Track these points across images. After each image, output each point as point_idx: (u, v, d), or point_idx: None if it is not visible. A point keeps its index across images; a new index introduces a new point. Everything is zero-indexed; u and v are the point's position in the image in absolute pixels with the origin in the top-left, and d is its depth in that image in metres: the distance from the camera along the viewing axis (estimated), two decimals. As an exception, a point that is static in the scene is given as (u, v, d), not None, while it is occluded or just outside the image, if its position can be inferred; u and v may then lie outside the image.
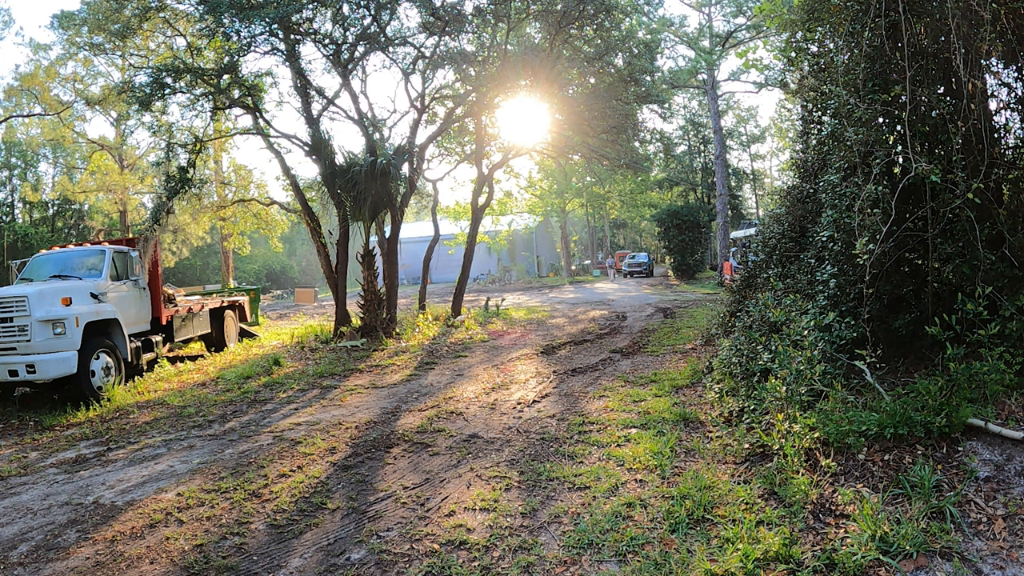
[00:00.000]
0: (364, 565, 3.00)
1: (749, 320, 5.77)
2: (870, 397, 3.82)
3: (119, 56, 17.00)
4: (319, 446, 4.95)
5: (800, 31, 5.56)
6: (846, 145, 4.18)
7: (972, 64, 3.75)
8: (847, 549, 2.60)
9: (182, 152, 11.07)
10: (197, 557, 3.16)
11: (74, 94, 21.92)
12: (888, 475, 3.12)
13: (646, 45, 13.21)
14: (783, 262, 6.14)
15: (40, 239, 26.23)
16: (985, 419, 3.21)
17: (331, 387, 7.41)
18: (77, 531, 3.56)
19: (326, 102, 11.79)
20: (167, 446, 5.25)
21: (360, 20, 10.92)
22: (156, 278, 9.02)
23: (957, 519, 2.68)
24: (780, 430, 3.74)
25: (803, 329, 4.16)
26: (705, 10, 24.24)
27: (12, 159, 29.12)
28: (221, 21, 9.67)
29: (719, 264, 22.38)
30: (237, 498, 3.93)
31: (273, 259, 41.44)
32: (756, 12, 10.97)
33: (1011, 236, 3.78)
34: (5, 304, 6.56)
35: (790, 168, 7.12)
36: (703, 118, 32.91)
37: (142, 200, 25.84)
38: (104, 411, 6.64)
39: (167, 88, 10.23)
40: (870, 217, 3.83)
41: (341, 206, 11.19)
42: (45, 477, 4.61)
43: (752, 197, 38.49)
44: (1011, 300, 3.71)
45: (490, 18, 11.22)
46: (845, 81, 4.24)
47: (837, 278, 4.40)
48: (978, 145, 3.83)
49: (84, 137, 25.36)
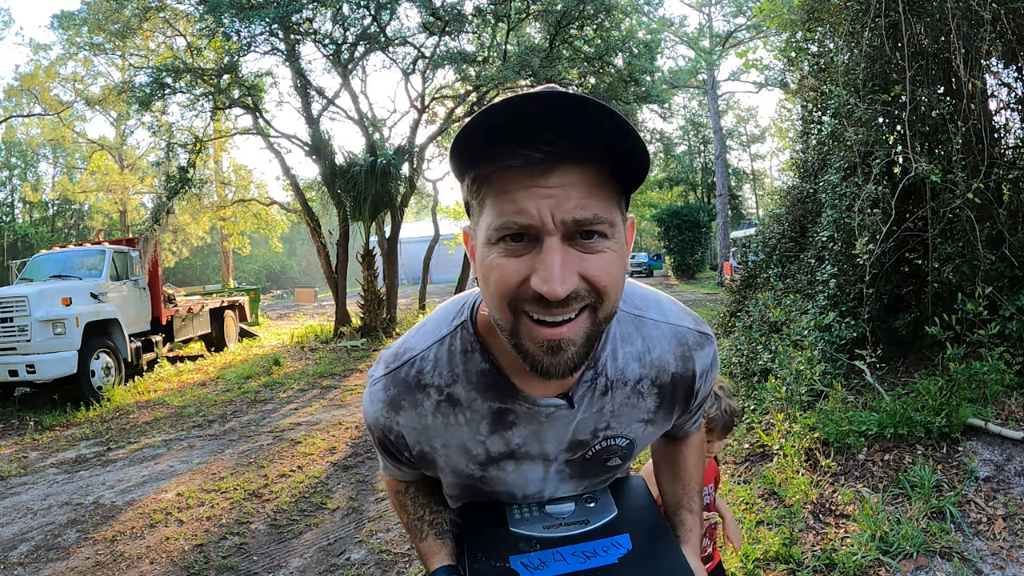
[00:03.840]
0: (364, 565, 3.00)
1: (749, 320, 5.76)
2: (870, 397, 3.82)
3: (119, 56, 16.98)
4: (319, 446, 4.95)
5: (800, 31, 5.55)
6: (846, 145, 4.18)
7: (972, 64, 3.75)
8: (847, 549, 2.60)
9: (182, 152, 11.08)
10: (197, 557, 3.16)
11: (74, 94, 21.91)
12: (888, 475, 3.12)
13: (646, 45, 13.21)
14: (783, 262, 6.14)
15: (40, 239, 26.21)
16: (985, 419, 3.21)
17: (331, 387, 7.41)
18: (77, 531, 3.56)
19: (326, 102, 11.79)
20: (167, 446, 5.25)
21: (360, 20, 10.92)
22: (156, 278, 9.02)
23: (957, 519, 2.68)
24: (780, 430, 3.74)
25: (803, 329, 4.16)
26: (705, 10, 24.25)
27: (12, 159, 29.10)
28: (221, 21, 9.67)
29: (719, 264, 22.37)
30: (237, 498, 3.93)
31: (273, 259, 41.44)
32: (756, 12, 10.97)
33: (1011, 236, 3.78)
34: (5, 304, 6.55)
35: (790, 168, 7.12)
36: (703, 118, 32.91)
37: (142, 200, 25.83)
38: (104, 411, 6.64)
39: (167, 88, 10.23)
40: (870, 217, 3.83)
41: (341, 206, 11.19)
42: (45, 477, 4.61)
43: (752, 197, 38.49)
44: (1011, 300, 3.71)
45: (490, 18, 11.21)
46: (845, 81, 4.24)
47: (837, 278, 4.39)
48: (978, 145, 3.83)
49: (84, 137, 25.35)
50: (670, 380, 0.86)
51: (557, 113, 0.59)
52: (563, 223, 0.61)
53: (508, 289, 0.64)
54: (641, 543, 0.84)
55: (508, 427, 0.82)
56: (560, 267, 0.61)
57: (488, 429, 0.82)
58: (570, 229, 0.62)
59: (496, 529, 0.88)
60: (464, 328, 0.82)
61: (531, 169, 0.61)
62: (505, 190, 0.62)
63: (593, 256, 0.63)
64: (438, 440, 0.84)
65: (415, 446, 0.86)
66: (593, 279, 0.63)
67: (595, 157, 0.62)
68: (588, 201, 0.62)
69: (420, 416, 0.83)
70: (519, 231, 0.62)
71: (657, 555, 0.83)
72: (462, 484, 0.90)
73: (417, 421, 0.83)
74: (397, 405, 0.83)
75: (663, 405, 0.87)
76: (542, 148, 0.60)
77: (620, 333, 0.83)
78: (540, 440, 0.83)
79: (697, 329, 0.88)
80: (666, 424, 0.92)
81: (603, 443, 0.86)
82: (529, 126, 0.60)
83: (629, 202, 0.71)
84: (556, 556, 0.82)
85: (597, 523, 0.87)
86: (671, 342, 0.85)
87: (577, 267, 0.63)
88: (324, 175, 11.11)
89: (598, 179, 0.63)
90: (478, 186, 0.65)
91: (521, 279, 0.63)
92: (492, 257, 0.64)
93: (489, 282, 0.65)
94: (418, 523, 0.98)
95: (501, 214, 0.63)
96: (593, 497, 0.92)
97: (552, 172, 0.61)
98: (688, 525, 1.01)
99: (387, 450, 0.91)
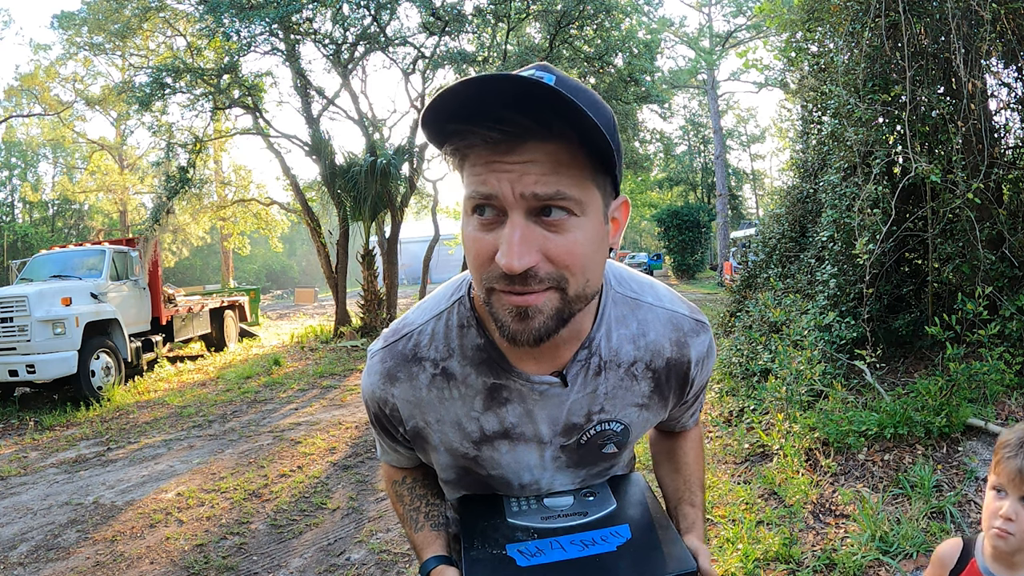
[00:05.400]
0: (364, 565, 3.00)
1: (749, 320, 5.76)
2: (870, 397, 3.82)
3: (119, 56, 16.99)
4: (319, 446, 4.95)
5: (800, 31, 5.56)
6: (846, 145, 4.18)
7: (972, 64, 3.75)
8: (847, 549, 2.60)
9: (182, 152, 11.08)
10: (197, 557, 3.16)
11: (74, 94, 21.91)
12: (888, 475, 3.12)
13: (646, 45, 13.22)
14: (783, 262, 6.14)
15: (40, 239, 26.20)
16: (985, 419, 3.21)
17: (331, 387, 7.41)
18: (77, 531, 3.56)
19: (326, 102, 11.79)
20: (167, 446, 5.25)
21: (360, 20, 10.91)
22: (156, 278, 9.01)
23: (957, 519, 2.68)
24: (780, 430, 3.74)
25: (803, 329, 4.16)
26: (705, 10, 24.25)
27: (12, 159, 29.09)
28: (221, 21, 9.67)
29: (719, 264, 22.37)
30: (237, 498, 3.93)
31: (273, 259, 41.45)
32: (756, 12, 10.97)
33: (1011, 236, 3.78)
34: (5, 304, 6.55)
35: (790, 168, 7.11)
36: (703, 118, 32.90)
37: (142, 200, 25.81)
38: (104, 411, 6.64)
39: (167, 88, 10.23)
40: (870, 217, 3.83)
41: (341, 206, 11.19)
42: (45, 477, 4.61)
43: (752, 197, 38.46)
44: (1011, 300, 3.71)
45: (490, 18, 11.21)
46: (845, 81, 4.24)
47: (837, 278, 4.39)
48: (978, 145, 3.83)
49: (84, 137, 25.34)
50: (664, 365, 0.86)
51: (515, 93, 0.60)
52: (523, 196, 0.63)
53: (481, 263, 0.67)
54: (641, 533, 0.83)
55: (502, 403, 0.83)
56: (519, 242, 0.63)
57: (482, 405, 0.83)
58: (531, 204, 0.64)
59: (493, 520, 0.87)
60: (461, 303, 0.84)
61: (493, 147, 0.64)
62: (474, 164, 0.66)
63: (557, 235, 0.65)
64: (432, 415, 0.85)
65: (409, 420, 0.87)
66: (555, 258, 0.65)
67: (558, 136, 0.63)
68: (551, 177, 0.63)
69: (415, 389, 0.84)
70: (484, 202, 0.65)
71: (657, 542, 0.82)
72: (457, 466, 0.90)
73: (412, 394, 0.84)
74: (393, 377, 0.84)
75: (657, 390, 0.88)
76: (499, 128, 0.62)
77: (615, 314, 0.85)
78: (533, 420, 0.84)
79: (692, 316, 0.90)
80: (661, 412, 0.92)
81: (597, 427, 0.86)
82: (483, 107, 0.61)
83: (619, 181, 0.72)
84: (554, 544, 0.80)
85: (596, 515, 0.87)
86: (666, 327, 0.87)
87: (540, 244, 0.64)
88: (324, 175, 11.11)
89: (568, 157, 0.64)
90: (454, 159, 0.69)
91: (491, 253, 0.66)
92: (469, 229, 0.68)
93: (469, 254, 0.69)
94: (414, 514, 0.98)
95: (470, 185, 0.66)
96: (592, 491, 0.92)
97: (514, 150, 0.63)
98: (691, 518, 0.99)
99: (383, 427, 0.91)
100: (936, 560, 1.23)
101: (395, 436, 0.91)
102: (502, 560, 0.78)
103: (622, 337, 0.84)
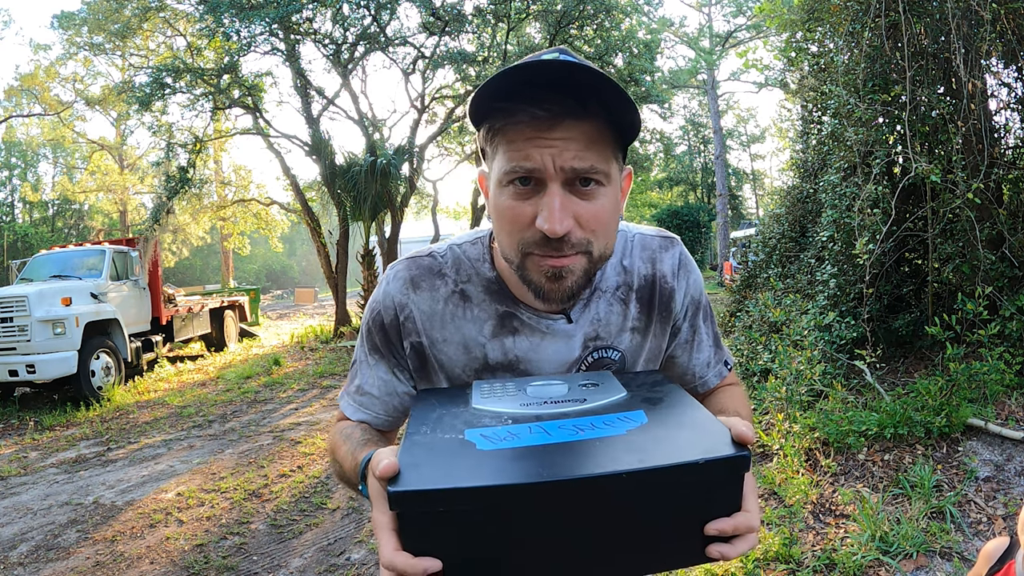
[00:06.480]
0: (364, 565, 3.00)
1: (749, 320, 5.77)
2: (870, 397, 3.82)
3: (119, 56, 16.98)
4: (319, 446, 4.95)
5: (800, 31, 5.56)
6: (846, 145, 4.18)
7: (972, 64, 3.75)
8: (847, 549, 2.60)
9: (182, 152, 11.08)
10: (197, 557, 3.16)
11: (74, 94, 21.89)
12: (888, 475, 3.12)
13: (646, 45, 13.21)
14: (783, 262, 6.14)
15: (40, 239, 26.18)
16: (985, 419, 3.21)
17: (331, 387, 7.41)
18: (77, 531, 3.56)
19: (326, 102, 11.79)
20: (167, 446, 5.25)
21: (360, 20, 10.92)
22: (156, 278, 9.01)
23: (957, 519, 2.68)
24: (780, 430, 3.74)
25: (803, 329, 4.16)
26: (705, 10, 24.24)
27: (12, 159, 29.08)
28: (221, 21, 9.67)
29: (719, 264, 22.37)
30: (237, 498, 3.93)
31: (273, 259, 41.45)
32: (756, 12, 10.98)
33: (1011, 236, 3.78)
34: (5, 304, 6.55)
35: (790, 168, 7.12)
36: (703, 118, 32.89)
37: (142, 200, 25.82)
38: (104, 411, 6.64)
39: (167, 88, 10.24)
40: (870, 217, 3.83)
41: (341, 206, 11.19)
42: (45, 477, 4.61)
43: (752, 197, 38.46)
44: (1011, 300, 3.71)
45: (490, 18, 11.21)
46: (845, 81, 4.24)
47: (837, 278, 4.39)
48: (978, 145, 3.83)
49: (84, 137, 25.33)
50: (645, 284, 0.92)
51: (557, 77, 0.69)
52: (562, 170, 0.71)
53: (518, 228, 0.74)
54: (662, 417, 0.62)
55: (511, 332, 0.87)
56: (560, 208, 0.71)
57: (491, 331, 0.87)
58: (569, 176, 0.72)
59: (453, 408, 0.69)
60: (481, 242, 0.91)
61: (536, 124, 0.71)
62: (514, 140, 0.72)
63: (588, 202, 0.74)
64: (442, 332, 0.88)
65: (420, 334, 0.88)
66: (585, 223, 0.74)
67: (592, 115, 0.71)
68: (586, 153, 0.71)
69: (434, 300, 0.88)
70: (525, 175, 0.72)
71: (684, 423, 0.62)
72: None
73: (430, 304, 0.88)
74: (417, 284, 0.88)
75: (645, 312, 0.92)
76: (545, 107, 0.70)
77: None
78: (538, 355, 0.87)
79: (660, 235, 0.96)
80: (658, 338, 0.94)
81: (594, 354, 0.90)
82: (534, 89, 0.70)
83: (627, 154, 0.81)
84: (534, 429, 0.60)
85: (599, 402, 0.67)
86: (638, 248, 0.94)
87: (573, 211, 0.72)
88: (324, 175, 11.12)
89: (597, 134, 0.72)
90: (492, 136, 0.75)
91: (529, 220, 0.73)
92: (504, 199, 0.75)
93: (504, 220, 0.75)
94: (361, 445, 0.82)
95: (511, 160, 0.72)
96: (594, 381, 0.75)
97: (555, 127, 0.71)
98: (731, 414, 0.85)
99: (386, 341, 0.88)
100: (982, 555, 1.24)
101: (395, 351, 0.89)
102: (456, 443, 0.58)
103: (608, 266, 0.90)
